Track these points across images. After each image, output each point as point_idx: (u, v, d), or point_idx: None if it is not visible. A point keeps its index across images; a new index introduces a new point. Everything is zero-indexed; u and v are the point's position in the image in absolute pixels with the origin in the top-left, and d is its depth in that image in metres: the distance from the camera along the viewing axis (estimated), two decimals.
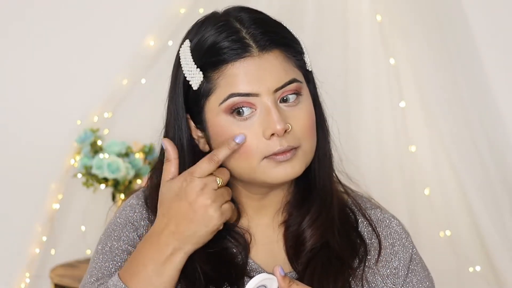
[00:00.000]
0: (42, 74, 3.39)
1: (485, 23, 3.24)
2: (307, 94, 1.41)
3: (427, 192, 3.13)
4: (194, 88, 1.39)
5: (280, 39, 1.39)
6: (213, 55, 1.37)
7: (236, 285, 1.41)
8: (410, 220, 3.00)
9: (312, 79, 1.45)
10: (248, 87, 1.36)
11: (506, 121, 3.24)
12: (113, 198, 3.09)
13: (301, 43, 1.43)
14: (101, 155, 3.03)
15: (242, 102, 1.36)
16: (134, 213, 1.48)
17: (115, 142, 3.08)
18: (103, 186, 3.07)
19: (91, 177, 3.06)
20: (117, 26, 3.37)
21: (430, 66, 3.16)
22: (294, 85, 1.38)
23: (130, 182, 3.08)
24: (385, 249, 1.48)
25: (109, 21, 3.38)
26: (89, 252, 3.25)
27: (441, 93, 3.15)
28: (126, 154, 3.07)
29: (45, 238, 3.32)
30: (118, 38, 3.35)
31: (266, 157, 1.37)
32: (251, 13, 1.41)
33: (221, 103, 1.37)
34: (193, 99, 1.40)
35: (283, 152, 1.36)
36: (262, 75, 1.36)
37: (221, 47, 1.37)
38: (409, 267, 1.49)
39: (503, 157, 3.22)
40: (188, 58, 1.40)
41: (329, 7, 3.18)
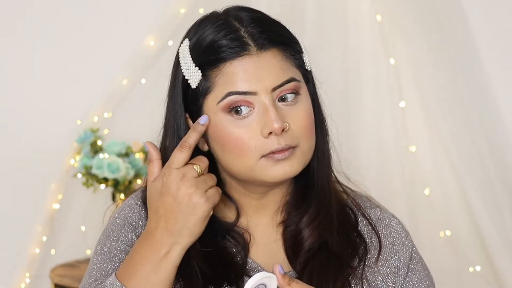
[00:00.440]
0: (42, 74, 3.39)
1: (485, 23, 3.24)
2: (305, 93, 1.41)
3: (427, 192, 3.13)
4: (192, 86, 1.39)
5: (278, 38, 1.39)
6: (211, 54, 1.37)
7: (235, 285, 1.41)
8: (410, 220, 3.00)
9: (311, 79, 1.45)
10: (246, 85, 1.36)
11: (506, 121, 3.24)
12: (113, 198, 3.09)
13: (300, 43, 1.43)
14: (101, 155, 3.03)
15: (240, 100, 1.36)
16: (132, 214, 1.48)
17: (115, 142, 3.08)
18: (103, 186, 3.07)
19: (91, 177, 3.05)
20: (117, 26, 3.37)
21: (430, 66, 3.16)
22: (292, 84, 1.38)
23: (130, 182, 3.08)
24: (385, 248, 1.48)
25: (109, 21, 3.38)
26: (89, 252, 3.25)
27: (441, 93, 3.15)
28: (126, 154, 3.07)
29: (45, 238, 3.32)
30: (118, 38, 3.35)
31: (264, 155, 1.36)
32: (250, 12, 1.41)
33: (219, 101, 1.37)
34: (191, 98, 1.40)
35: (281, 150, 1.36)
36: (260, 73, 1.36)
37: (220, 45, 1.36)
38: (409, 266, 1.49)
39: (503, 157, 3.22)
40: (187, 56, 1.40)
41: (329, 7, 3.18)
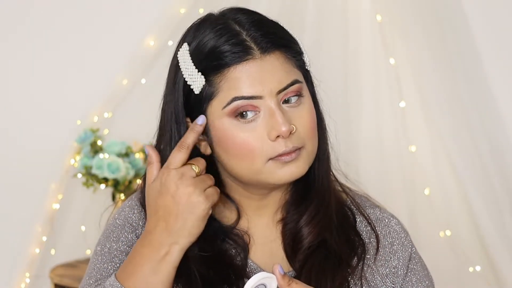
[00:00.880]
0: (42, 74, 3.39)
1: (485, 23, 3.24)
2: (307, 94, 1.41)
3: (427, 192, 3.13)
4: (196, 92, 1.38)
5: (280, 40, 1.39)
6: (214, 59, 1.36)
7: (235, 286, 1.41)
8: (410, 220, 3.00)
9: (310, 78, 1.45)
10: (251, 90, 1.35)
11: (506, 121, 3.24)
12: (113, 198, 3.09)
13: (299, 43, 1.43)
14: (101, 155, 3.03)
15: (246, 105, 1.36)
16: (132, 214, 1.48)
17: (115, 142, 3.08)
18: (103, 186, 3.07)
19: (91, 177, 3.05)
20: (117, 26, 3.37)
21: (430, 66, 3.16)
22: (296, 86, 1.38)
23: (130, 182, 3.08)
24: (384, 248, 1.48)
25: (109, 21, 3.38)
26: (89, 252, 3.25)
27: (441, 93, 3.15)
28: (126, 154, 3.07)
29: (45, 238, 3.32)
30: (118, 38, 3.35)
31: (271, 158, 1.37)
32: (248, 14, 1.40)
33: (225, 106, 1.36)
34: (194, 103, 1.39)
35: (289, 152, 1.37)
36: (264, 77, 1.36)
37: (222, 50, 1.36)
38: (408, 266, 1.49)
39: (503, 157, 3.22)
40: (188, 62, 1.39)
41: (329, 7, 3.18)
